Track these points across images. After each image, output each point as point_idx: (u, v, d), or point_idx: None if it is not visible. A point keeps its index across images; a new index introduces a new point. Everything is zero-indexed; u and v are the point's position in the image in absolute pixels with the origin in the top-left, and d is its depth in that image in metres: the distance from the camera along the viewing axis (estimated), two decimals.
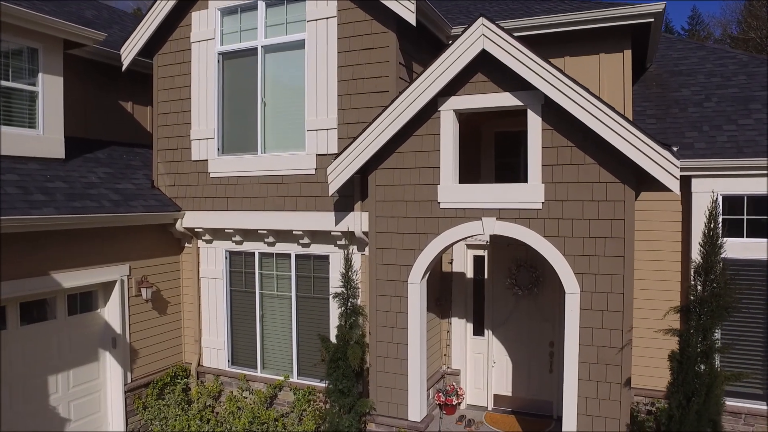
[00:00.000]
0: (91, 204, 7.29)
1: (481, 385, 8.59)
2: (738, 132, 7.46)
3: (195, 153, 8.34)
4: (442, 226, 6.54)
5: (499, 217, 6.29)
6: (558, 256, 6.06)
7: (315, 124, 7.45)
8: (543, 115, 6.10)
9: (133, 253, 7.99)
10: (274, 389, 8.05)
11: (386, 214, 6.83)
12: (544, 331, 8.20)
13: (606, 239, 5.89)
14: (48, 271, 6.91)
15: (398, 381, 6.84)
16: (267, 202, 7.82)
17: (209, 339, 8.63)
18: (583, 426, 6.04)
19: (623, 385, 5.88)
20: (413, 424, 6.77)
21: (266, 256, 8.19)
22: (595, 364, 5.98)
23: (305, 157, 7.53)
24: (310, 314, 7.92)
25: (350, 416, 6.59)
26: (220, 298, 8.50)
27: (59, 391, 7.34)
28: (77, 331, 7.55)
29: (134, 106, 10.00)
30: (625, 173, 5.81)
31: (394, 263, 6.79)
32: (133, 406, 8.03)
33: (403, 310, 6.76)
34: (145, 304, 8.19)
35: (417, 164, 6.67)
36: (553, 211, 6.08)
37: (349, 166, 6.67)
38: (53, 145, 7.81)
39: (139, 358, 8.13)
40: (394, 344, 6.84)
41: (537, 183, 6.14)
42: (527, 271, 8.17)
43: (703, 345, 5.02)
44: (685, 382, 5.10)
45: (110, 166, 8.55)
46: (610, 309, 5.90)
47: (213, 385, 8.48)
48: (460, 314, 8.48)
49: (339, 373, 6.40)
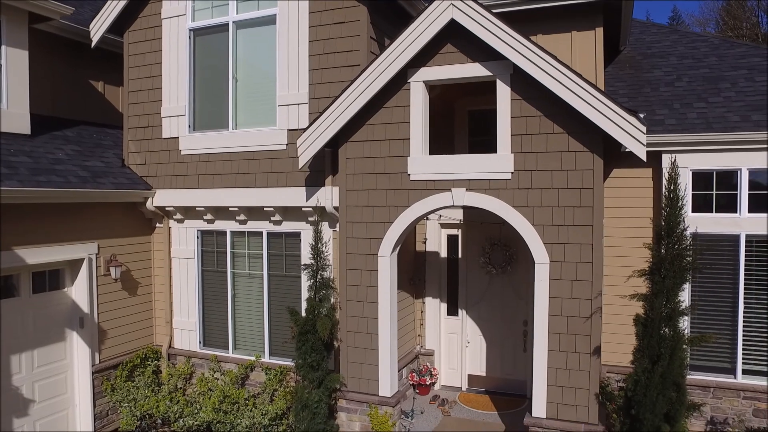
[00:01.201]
0: (57, 179, 7.14)
1: (455, 366, 8.56)
2: (708, 109, 7.51)
3: (166, 130, 8.22)
4: (412, 198, 6.49)
5: (468, 188, 6.26)
6: (527, 226, 6.04)
7: (286, 99, 7.38)
8: (512, 85, 6.08)
9: (101, 232, 7.84)
10: (245, 369, 7.94)
11: (356, 187, 6.77)
12: (518, 310, 8.19)
13: (575, 208, 5.88)
14: (11, 246, 6.74)
15: (369, 356, 6.77)
16: (238, 178, 7.72)
17: (180, 320, 8.49)
18: (553, 397, 6.02)
19: (592, 354, 5.87)
20: (384, 399, 6.71)
21: (238, 235, 8.09)
22: (564, 334, 5.96)
23: (276, 133, 7.45)
24: (282, 293, 7.82)
25: (320, 391, 6.50)
26: (191, 278, 8.37)
27: (23, 371, 7.16)
28: (42, 309, 7.38)
29: (105, 86, 9.85)
30: (594, 142, 5.82)
31: (365, 237, 6.73)
32: (101, 388, 7.86)
33: (374, 284, 6.70)
34: (114, 284, 8.03)
35: (387, 136, 6.62)
36: (523, 181, 6.06)
37: (319, 138, 6.60)
38: (18, 120, 7.65)
39: (107, 339, 7.97)
40: (364, 319, 6.77)
41: (506, 153, 6.12)
42: (501, 249, 8.16)
43: (668, 308, 5.02)
44: (650, 345, 5.10)
45: (79, 144, 8.40)
46: (579, 278, 5.89)
47: (184, 367, 8.34)
48: (434, 294, 8.45)
49: (308, 346, 6.31)
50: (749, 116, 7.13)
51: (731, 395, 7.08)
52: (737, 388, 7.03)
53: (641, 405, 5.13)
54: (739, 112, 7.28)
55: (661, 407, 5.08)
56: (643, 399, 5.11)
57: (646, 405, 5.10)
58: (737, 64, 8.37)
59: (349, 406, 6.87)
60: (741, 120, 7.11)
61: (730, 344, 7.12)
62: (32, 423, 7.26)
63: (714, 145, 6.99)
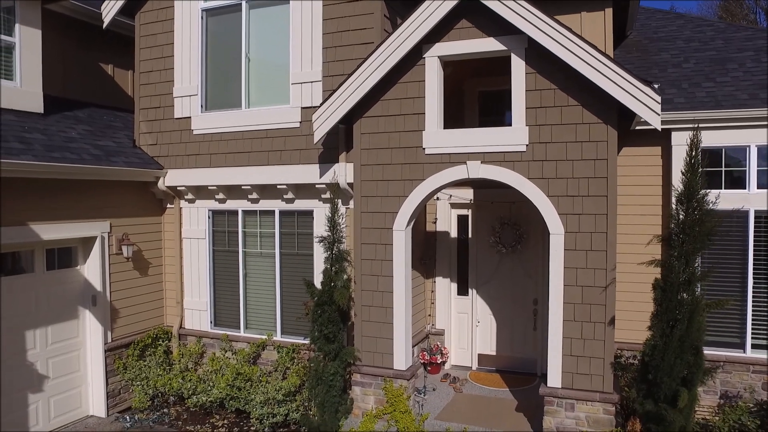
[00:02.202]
0: (71, 156, 7.17)
1: (465, 345, 8.61)
2: (716, 88, 7.60)
3: (178, 110, 8.25)
4: (427, 171, 6.55)
5: (484, 160, 6.32)
6: (542, 198, 6.11)
7: (300, 77, 7.43)
8: (526, 59, 6.15)
9: (114, 211, 7.86)
10: (257, 348, 7.97)
11: (371, 162, 6.82)
12: (527, 289, 8.25)
13: (589, 179, 5.95)
14: (26, 221, 6.76)
15: (383, 330, 6.82)
16: (251, 157, 7.76)
17: (191, 300, 8.52)
18: (569, 367, 6.08)
19: (607, 324, 5.93)
20: (399, 372, 6.75)
21: (250, 214, 8.12)
22: (579, 304, 6.03)
23: (290, 111, 7.50)
24: (295, 272, 7.86)
25: (335, 364, 6.54)
26: (202, 258, 8.40)
27: (37, 347, 7.17)
28: (56, 287, 7.39)
29: (115, 69, 9.88)
30: (608, 114, 5.89)
31: (379, 211, 6.78)
32: (113, 366, 7.88)
33: (388, 258, 6.75)
34: (126, 263, 8.06)
35: (402, 111, 6.67)
36: (537, 153, 6.13)
37: (335, 113, 6.66)
38: (31, 98, 7.67)
39: (119, 318, 7.98)
40: (379, 293, 6.82)
41: (521, 126, 6.18)
42: (511, 228, 8.22)
43: (686, 272, 5.09)
44: (668, 309, 5.16)
45: (90, 125, 8.42)
46: (594, 249, 5.95)
47: (195, 347, 8.36)
48: (444, 274, 8.50)
49: (324, 317, 6.35)
50: (757, 94, 7.22)
51: (741, 369, 7.14)
52: (747, 362, 7.10)
53: (659, 369, 5.20)
54: (747, 90, 7.37)
55: (679, 371, 5.15)
56: (660, 363, 5.18)
57: (663, 369, 5.17)
58: (743, 46, 8.47)
59: (364, 380, 6.91)
60: (749, 98, 7.19)
61: (739, 319, 7.19)
62: (47, 399, 7.28)
63: (723, 122, 7.07)
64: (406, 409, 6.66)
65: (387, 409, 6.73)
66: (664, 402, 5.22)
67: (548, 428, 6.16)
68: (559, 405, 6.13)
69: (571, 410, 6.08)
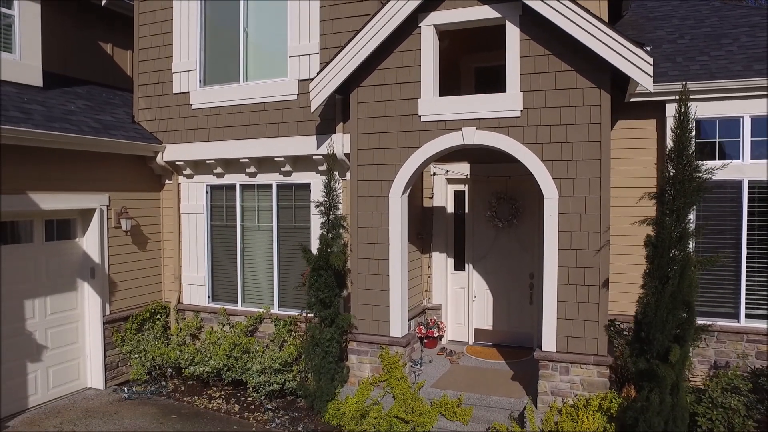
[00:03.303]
0: (71, 127, 7.23)
1: (462, 320, 8.66)
2: (710, 61, 7.65)
3: (176, 86, 8.32)
4: (423, 139, 6.61)
5: (479, 126, 6.38)
6: (537, 163, 6.16)
7: (297, 50, 7.50)
8: (521, 26, 6.21)
9: (113, 184, 7.92)
10: (254, 321, 8.02)
11: (368, 130, 6.88)
12: (524, 263, 8.29)
13: (583, 143, 6.01)
14: (25, 190, 6.82)
15: (379, 297, 6.86)
16: (249, 130, 7.82)
17: (189, 275, 8.57)
18: (563, 331, 6.12)
19: (601, 286, 5.98)
20: (395, 339, 6.80)
21: (247, 188, 8.18)
22: (573, 267, 6.08)
23: (287, 83, 7.56)
24: (292, 245, 7.90)
25: (332, 330, 6.59)
26: (200, 233, 8.46)
27: (36, 317, 7.22)
28: (54, 258, 7.45)
29: (114, 48, 9.96)
30: (601, 78, 5.95)
31: (376, 179, 6.84)
32: (111, 339, 7.92)
33: (384, 225, 6.80)
34: (124, 237, 8.11)
35: (398, 80, 6.73)
36: (532, 118, 6.19)
37: (332, 81, 6.72)
38: (31, 72, 7.74)
39: (118, 291, 8.03)
40: (375, 261, 6.87)
41: (515, 92, 6.24)
42: (507, 203, 8.27)
43: (678, 229, 5.13)
44: (660, 266, 5.20)
45: (89, 100, 8.49)
46: (588, 212, 6.00)
47: (193, 321, 8.41)
48: (441, 249, 8.55)
49: (321, 282, 6.40)
50: (751, 66, 7.27)
51: (735, 339, 7.18)
52: (740, 332, 7.13)
53: (651, 326, 5.24)
54: (741, 63, 7.42)
55: (671, 327, 5.18)
56: (653, 320, 5.22)
57: (655, 325, 5.20)
58: (738, 23, 8.53)
59: (360, 349, 6.96)
60: (743, 69, 7.24)
61: (733, 289, 7.23)
62: (45, 369, 7.32)
63: (717, 93, 7.11)
64: (402, 375, 6.70)
65: (383, 377, 6.78)
66: (657, 359, 5.26)
67: (543, 392, 6.21)
68: (554, 369, 6.17)
69: (565, 374, 6.13)
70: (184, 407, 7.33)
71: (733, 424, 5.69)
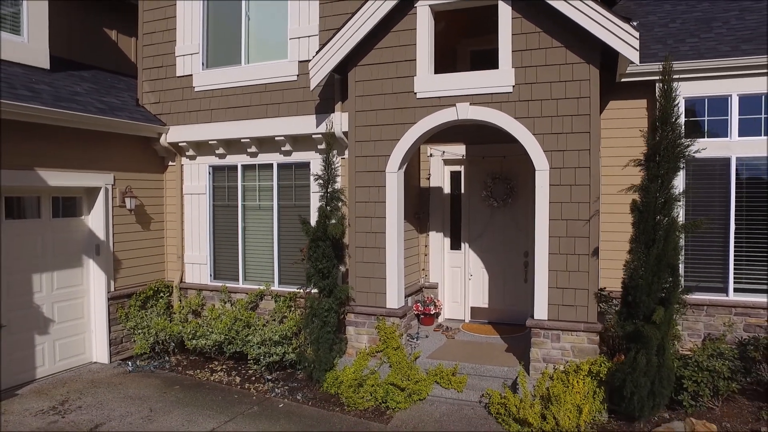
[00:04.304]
0: (77, 107, 7.45)
1: (459, 299, 8.84)
2: (700, 43, 7.84)
3: (180, 69, 8.55)
4: (419, 115, 6.81)
5: (472, 102, 6.59)
6: (528, 136, 6.36)
7: (297, 32, 7.72)
8: (513, 4, 6.42)
9: (117, 164, 8.13)
10: (255, 297, 8.22)
11: (365, 108, 7.08)
12: (519, 241, 8.48)
13: (573, 117, 6.21)
14: (33, 166, 7.04)
15: (376, 270, 7.06)
16: (250, 111, 8.04)
17: (192, 254, 8.78)
18: (554, 299, 6.31)
19: (591, 255, 6.17)
20: (391, 310, 6.99)
21: (249, 169, 8.40)
22: (564, 237, 6.27)
23: (288, 65, 7.78)
24: (292, 223, 8.11)
25: (330, 300, 6.79)
26: (203, 213, 8.67)
27: (43, 291, 7.43)
28: (61, 234, 7.66)
29: (119, 35, 10.19)
30: (591, 54, 6.15)
31: (373, 155, 7.04)
32: (115, 315, 8.13)
33: (381, 200, 7.00)
34: (128, 216, 8.32)
35: (394, 58, 6.94)
36: (523, 93, 6.39)
37: (331, 59, 6.93)
38: (37, 54, 7.97)
39: (122, 268, 8.24)
40: (372, 234, 7.07)
41: (507, 68, 6.45)
42: (502, 183, 8.47)
43: (663, 194, 5.32)
44: (645, 231, 5.40)
45: (95, 83, 8.72)
46: (578, 183, 6.20)
47: (195, 299, 8.62)
48: (437, 228, 8.74)
49: (319, 252, 6.60)
50: (739, 46, 7.46)
51: (723, 312, 7.34)
52: (729, 305, 7.30)
53: (637, 289, 5.43)
54: (729, 44, 7.61)
55: (656, 289, 5.37)
56: (638, 283, 5.41)
57: (641, 288, 5.39)
58: (729, 7, 8.72)
59: (357, 320, 7.15)
60: (731, 50, 7.43)
61: (721, 264, 7.41)
62: (52, 342, 7.53)
63: (705, 72, 7.29)
64: (398, 345, 6.89)
65: (380, 347, 6.97)
66: (643, 321, 5.44)
67: (535, 359, 6.39)
68: (546, 336, 6.36)
69: (556, 341, 6.32)
70: (187, 379, 7.53)
71: (718, 387, 5.86)
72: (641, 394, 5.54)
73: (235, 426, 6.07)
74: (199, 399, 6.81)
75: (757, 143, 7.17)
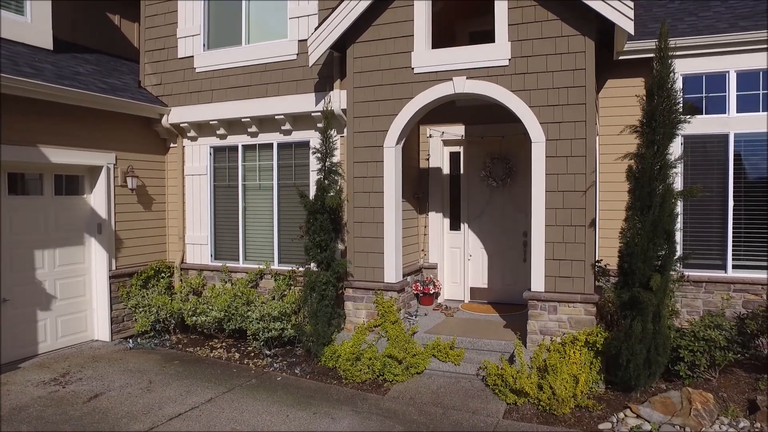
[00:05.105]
0: (80, 85, 7.54)
1: (458, 279, 8.86)
2: (698, 21, 7.86)
3: (181, 50, 8.64)
4: (416, 90, 6.86)
5: (469, 76, 6.63)
6: (524, 108, 6.40)
7: (297, 12, 7.79)
8: None
9: (120, 144, 8.21)
10: (255, 276, 8.28)
11: (363, 84, 7.14)
12: (517, 221, 8.50)
13: (569, 89, 6.23)
14: (36, 142, 7.13)
15: (375, 245, 7.10)
16: (250, 90, 8.11)
17: (193, 235, 8.85)
18: (551, 271, 6.33)
19: (588, 226, 6.18)
20: (389, 284, 7.03)
21: (249, 149, 8.47)
22: (561, 209, 6.29)
23: (287, 44, 7.85)
24: (292, 202, 8.16)
25: (328, 273, 6.83)
26: (204, 193, 8.74)
27: (45, 267, 7.52)
28: (63, 212, 7.74)
29: (122, 20, 10.30)
30: (586, 26, 6.18)
31: (371, 130, 7.09)
32: (117, 294, 8.20)
33: (380, 174, 7.04)
34: (130, 195, 8.40)
35: (392, 35, 7.00)
36: (519, 66, 6.43)
37: (330, 36, 6.99)
38: (41, 34, 8.08)
39: (123, 248, 8.31)
40: (370, 209, 7.11)
41: (503, 42, 6.49)
42: (501, 163, 8.49)
43: (659, 160, 5.33)
44: (641, 197, 5.41)
45: (98, 66, 8.82)
46: (573, 154, 6.22)
47: (196, 279, 8.68)
48: (437, 209, 8.77)
49: (317, 225, 6.65)
50: (737, 23, 7.47)
51: (722, 289, 7.34)
52: (728, 281, 7.29)
53: (633, 256, 5.44)
54: (728, 21, 7.63)
55: (652, 255, 5.38)
56: (634, 250, 5.42)
57: (637, 255, 5.41)
58: None
59: (356, 295, 7.19)
60: (729, 26, 7.44)
61: (720, 241, 7.41)
62: (54, 318, 7.61)
63: (703, 49, 7.32)
64: (396, 319, 6.93)
65: (378, 321, 7.00)
66: (640, 288, 5.45)
67: (532, 331, 6.41)
68: (543, 308, 6.38)
69: (553, 313, 6.33)
70: (186, 356, 7.59)
71: (715, 357, 5.86)
72: (637, 362, 5.55)
73: (233, 396, 6.12)
74: (198, 373, 6.87)
75: (755, 119, 7.18)
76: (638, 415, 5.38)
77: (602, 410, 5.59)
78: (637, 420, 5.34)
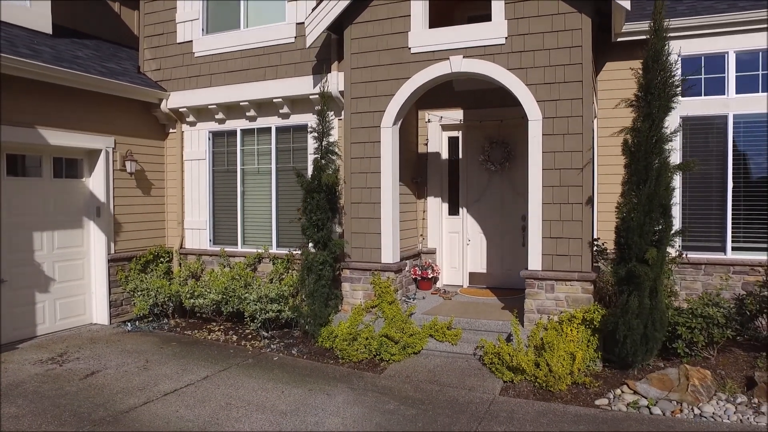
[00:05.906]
0: (79, 68, 7.56)
1: (457, 264, 8.84)
2: (697, 3, 7.83)
3: (180, 35, 8.66)
4: (413, 69, 6.85)
5: (465, 55, 6.61)
6: (521, 86, 6.38)
7: None
8: None
9: (119, 128, 8.23)
10: (253, 260, 8.28)
11: (361, 65, 7.13)
12: (516, 206, 8.48)
13: (565, 66, 6.21)
14: (34, 124, 7.15)
15: (372, 225, 7.09)
16: (249, 74, 8.12)
17: (192, 220, 8.86)
18: (548, 249, 6.31)
19: (585, 204, 6.15)
20: (386, 265, 7.01)
21: (247, 133, 8.47)
22: (557, 186, 6.27)
23: (285, 27, 7.86)
24: (290, 186, 8.16)
25: (324, 253, 6.82)
26: (203, 178, 8.75)
27: (44, 249, 7.53)
28: (62, 195, 7.76)
29: (122, 7, 10.33)
30: (583, 3, 6.16)
31: (368, 111, 7.08)
32: (116, 277, 8.20)
33: (377, 155, 7.03)
34: (129, 180, 8.42)
35: (389, 15, 6.99)
36: (516, 44, 6.41)
37: (327, 16, 7.00)
38: (40, 18, 8.11)
39: (122, 231, 8.32)
40: (367, 189, 7.10)
41: (500, 20, 6.47)
42: (500, 147, 8.47)
43: (655, 133, 5.30)
44: (636, 171, 5.39)
45: (97, 51, 8.85)
46: (570, 132, 6.20)
47: (195, 264, 8.68)
48: (435, 194, 8.76)
49: (314, 204, 6.64)
50: (736, 3, 7.44)
51: (722, 271, 7.30)
52: (727, 263, 7.26)
53: (629, 230, 5.42)
54: (726, 2, 7.60)
55: (648, 230, 5.35)
56: (630, 224, 5.39)
57: (633, 229, 5.38)
58: None
59: (353, 276, 7.18)
60: (728, 7, 7.42)
61: (719, 223, 7.37)
62: (53, 301, 7.62)
63: (702, 29, 7.29)
64: (393, 300, 6.91)
65: (375, 302, 6.99)
66: (636, 262, 5.42)
67: (529, 310, 6.39)
68: (540, 287, 6.35)
69: (551, 291, 6.30)
70: (184, 338, 7.59)
71: (713, 334, 5.82)
72: (634, 338, 5.51)
73: (229, 374, 6.11)
74: (195, 353, 6.87)
75: (755, 100, 7.15)
76: (635, 391, 5.36)
77: (599, 387, 5.55)
78: (634, 396, 5.31)
